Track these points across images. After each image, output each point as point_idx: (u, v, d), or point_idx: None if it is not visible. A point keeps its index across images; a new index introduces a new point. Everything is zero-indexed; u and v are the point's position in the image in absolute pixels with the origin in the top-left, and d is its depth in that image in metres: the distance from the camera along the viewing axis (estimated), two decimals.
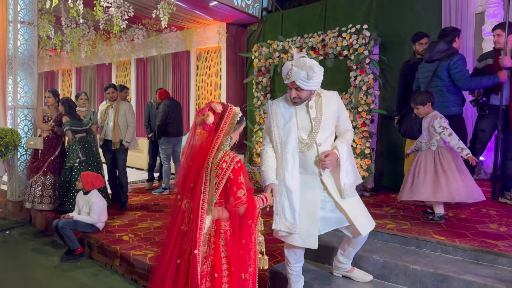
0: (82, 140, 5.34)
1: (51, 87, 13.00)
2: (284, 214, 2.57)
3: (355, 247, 2.82)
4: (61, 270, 3.96)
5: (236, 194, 2.07)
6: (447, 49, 4.12)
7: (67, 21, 7.29)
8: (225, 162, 2.07)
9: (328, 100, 2.62)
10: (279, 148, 2.60)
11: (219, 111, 2.14)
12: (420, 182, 3.53)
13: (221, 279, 2.06)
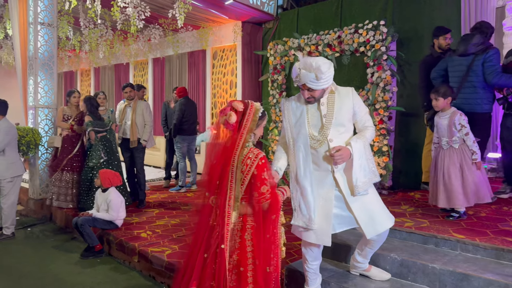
0: (103, 139, 5.42)
1: (70, 87, 13.26)
2: (300, 210, 2.60)
3: (372, 247, 2.80)
4: (81, 266, 4.03)
5: (260, 189, 2.11)
6: (483, 42, 3.94)
7: (86, 22, 7.41)
8: (249, 159, 2.13)
9: (342, 96, 2.60)
10: (291, 145, 2.63)
11: (240, 109, 2.18)
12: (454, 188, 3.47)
13: (247, 273, 2.11)
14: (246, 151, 2.16)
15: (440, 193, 3.52)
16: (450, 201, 3.51)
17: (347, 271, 3.04)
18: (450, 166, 3.52)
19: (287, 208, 5.40)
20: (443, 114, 3.65)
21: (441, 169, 3.56)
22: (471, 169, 3.49)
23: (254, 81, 8.16)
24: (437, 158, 3.64)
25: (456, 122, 3.52)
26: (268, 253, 2.17)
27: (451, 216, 3.52)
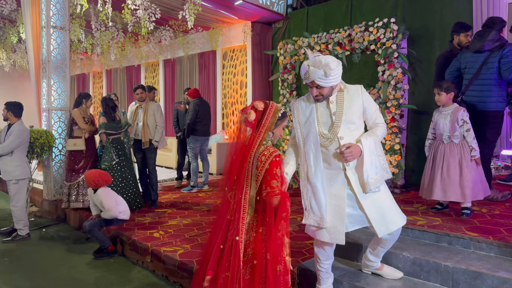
0: (115, 141, 5.45)
1: (83, 89, 13.44)
2: (312, 209, 2.60)
3: (384, 246, 2.78)
4: (95, 266, 4.09)
5: (270, 183, 2.17)
6: (499, 38, 3.88)
7: (97, 24, 7.51)
8: (264, 156, 2.21)
9: (352, 94, 2.61)
10: (301, 144, 2.65)
11: (260, 108, 2.29)
12: (452, 181, 3.50)
13: (261, 266, 2.16)
14: (262, 149, 2.24)
15: (437, 185, 3.52)
16: (446, 194, 3.51)
17: (359, 270, 3.03)
18: (450, 160, 3.52)
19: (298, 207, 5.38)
20: (445, 109, 3.65)
21: (440, 162, 3.57)
22: (469, 165, 3.52)
23: (264, 81, 8.17)
24: (436, 152, 3.64)
25: (459, 117, 3.54)
26: (279, 251, 2.20)
27: (464, 213, 3.49)
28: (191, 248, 3.93)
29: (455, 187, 3.48)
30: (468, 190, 3.47)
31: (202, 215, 5.20)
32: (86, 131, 5.62)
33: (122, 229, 4.60)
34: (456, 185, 3.49)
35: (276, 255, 2.19)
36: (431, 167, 3.66)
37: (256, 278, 2.15)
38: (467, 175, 3.49)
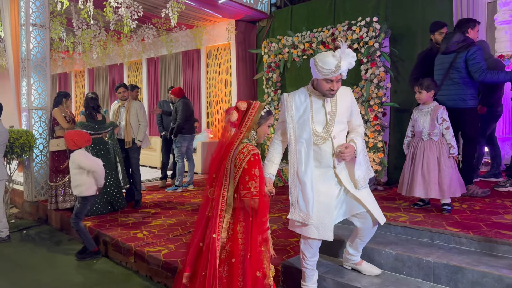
0: (95, 141, 5.32)
1: (64, 88, 13.23)
2: (298, 205, 2.61)
3: (363, 239, 2.83)
4: (77, 268, 4.03)
5: (246, 184, 2.14)
6: (463, 39, 4.00)
7: (78, 22, 7.38)
8: (242, 153, 2.19)
9: (342, 95, 2.66)
10: (293, 141, 2.63)
11: (243, 108, 2.28)
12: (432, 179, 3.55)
13: (238, 264, 2.14)
14: (242, 147, 2.21)
15: (418, 183, 3.57)
16: (427, 192, 3.56)
17: (342, 266, 3.05)
18: (430, 157, 3.58)
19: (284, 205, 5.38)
20: (425, 107, 3.71)
21: (420, 160, 3.62)
22: (447, 162, 3.58)
23: (249, 79, 8.17)
24: (415, 149, 3.69)
25: (439, 115, 3.61)
26: (258, 257, 2.18)
27: (445, 209, 3.55)
28: (175, 248, 3.91)
29: (435, 184, 3.54)
30: (446, 187, 3.54)
31: (187, 214, 5.17)
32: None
33: (105, 230, 4.54)
34: (436, 182, 3.54)
35: (256, 260, 2.17)
36: (411, 164, 3.71)
37: (234, 277, 2.14)
38: (445, 172, 3.55)
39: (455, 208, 3.65)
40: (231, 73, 8.18)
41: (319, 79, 2.55)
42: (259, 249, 2.19)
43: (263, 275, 2.20)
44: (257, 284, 2.17)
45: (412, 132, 3.84)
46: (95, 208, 5.17)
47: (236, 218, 2.19)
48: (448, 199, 3.58)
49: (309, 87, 2.69)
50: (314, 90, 2.65)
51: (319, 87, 2.59)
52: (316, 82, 2.61)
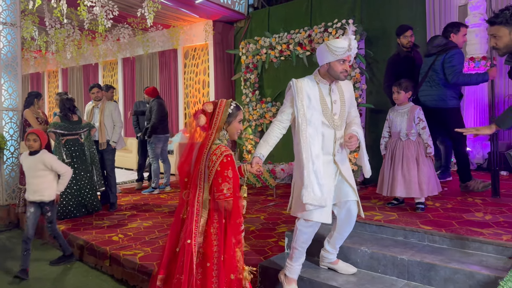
0: (69, 142, 5.20)
1: (37, 89, 12.89)
2: (312, 188, 2.61)
3: (341, 232, 2.88)
4: (50, 273, 3.92)
5: (219, 186, 2.12)
6: (445, 43, 4.16)
7: (51, 21, 7.20)
8: (215, 155, 2.15)
9: (346, 84, 2.84)
10: (304, 126, 2.67)
11: (210, 110, 2.25)
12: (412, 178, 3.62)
13: (212, 266, 2.12)
14: (214, 148, 2.18)
15: (399, 183, 3.63)
16: (408, 191, 3.63)
17: (318, 266, 3.08)
18: (409, 157, 3.66)
19: (261, 206, 5.39)
20: (401, 108, 3.78)
21: (400, 159, 3.69)
22: (425, 161, 3.67)
23: (227, 80, 8.15)
24: (394, 149, 3.76)
25: (415, 115, 3.69)
26: (232, 260, 2.16)
27: (419, 208, 3.62)
28: (151, 250, 3.86)
29: (415, 184, 3.60)
30: (425, 186, 3.62)
31: (164, 216, 5.11)
32: None
33: (79, 233, 4.44)
34: (416, 182, 3.61)
35: (230, 263, 2.15)
36: (391, 164, 3.76)
37: (208, 280, 2.11)
38: (424, 171, 3.63)
39: (428, 206, 3.73)
40: (209, 73, 8.14)
41: (332, 62, 2.64)
42: (233, 252, 2.17)
43: (237, 278, 2.18)
44: (231, 286, 2.15)
45: (389, 133, 3.91)
46: (68, 211, 5.05)
47: (210, 220, 2.17)
48: (422, 198, 3.66)
49: (316, 76, 2.77)
50: (322, 78, 2.73)
51: (332, 70, 2.66)
52: (328, 67, 2.67)
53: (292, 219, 4.78)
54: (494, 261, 2.68)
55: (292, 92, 2.71)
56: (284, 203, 5.67)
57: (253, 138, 7.37)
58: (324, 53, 2.65)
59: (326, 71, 2.70)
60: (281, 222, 4.71)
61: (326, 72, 2.70)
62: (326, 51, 2.64)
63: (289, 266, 2.85)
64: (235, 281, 2.16)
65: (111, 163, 5.71)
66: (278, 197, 6.03)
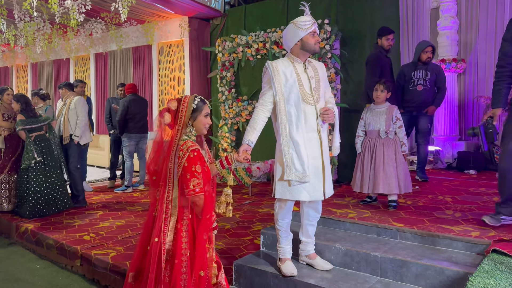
0: (39, 139, 5.08)
1: (5, 83, 12.44)
2: (294, 165, 2.71)
3: (310, 219, 2.94)
4: (18, 273, 3.79)
5: (188, 182, 2.08)
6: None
7: (20, 14, 6.94)
8: (181, 151, 2.12)
9: (318, 66, 2.92)
10: (282, 104, 2.74)
11: (174, 107, 2.22)
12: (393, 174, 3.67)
13: (181, 264, 2.08)
14: (181, 144, 2.15)
15: (381, 180, 3.68)
16: (390, 188, 3.68)
17: (297, 261, 3.09)
18: (389, 155, 3.72)
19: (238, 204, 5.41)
20: (379, 107, 3.84)
21: (381, 157, 3.73)
22: (402, 159, 3.76)
23: (203, 77, 8.08)
24: (373, 147, 3.81)
25: (394, 115, 3.76)
26: (203, 256, 2.12)
27: (391, 206, 3.69)
28: (124, 250, 3.78)
29: (395, 180, 3.67)
30: (402, 183, 3.70)
31: (137, 215, 5.03)
32: (5, 129, 5.20)
33: (48, 232, 4.31)
34: (395, 178, 3.68)
35: (200, 260, 2.11)
36: (371, 162, 3.79)
37: (177, 278, 2.06)
38: (401, 168, 3.71)
39: (400, 204, 3.81)
40: (185, 70, 8.05)
41: (304, 37, 2.72)
42: (204, 248, 2.13)
43: (206, 275, 2.15)
44: (200, 284, 2.11)
45: (364, 132, 3.95)
46: (38, 209, 4.90)
47: (179, 217, 2.13)
48: (395, 196, 3.73)
49: (290, 56, 2.84)
50: (296, 57, 2.81)
51: (306, 44, 2.74)
52: (301, 44, 2.75)
53: (267, 218, 4.79)
54: (463, 257, 2.75)
55: (269, 72, 2.78)
56: (260, 201, 5.67)
57: (229, 136, 7.34)
58: (294, 31, 2.74)
59: (299, 49, 2.77)
60: (257, 220, 4.71)
61: (300, 50, 2.78)
62: (295, 29, 2.74)
63: (279, 249, 2.97)
64: (204, 278, 2.13)
65: (74, 159, 5.55)
66: (254, 196, 6.03)
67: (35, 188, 4.92)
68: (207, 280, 2.15)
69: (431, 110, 4.90)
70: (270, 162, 6.20)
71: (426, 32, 6.48)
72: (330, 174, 2.91)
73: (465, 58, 6.29)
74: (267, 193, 6.13)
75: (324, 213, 3.37)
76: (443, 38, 6.20)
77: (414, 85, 4.90)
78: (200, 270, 2.11)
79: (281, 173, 2.77)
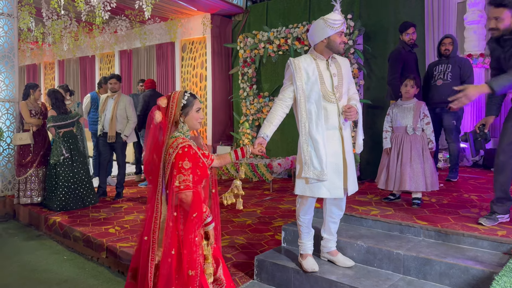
0: (66, 135, 5.22)
1: (33, 80, 12.80)
2: (312, 163, 2.72)
3: (333, 216, 2.93)
4: (46, 264, 3.93)
5: (175, 178, 2.02)
6: None
7: (48, 12, 7.15)
8: (171, 148, 2.08)
9: (342, 62, 2.88)
10: (303, 101, 2.74)
11: (164, 105, 2.17)
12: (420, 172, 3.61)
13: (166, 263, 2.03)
14: (171, 141, 2.11)
15: (408, 177, 3.62)
16: (417, 185, 3.62)
17: (318, 257, 3.09)
18: (417, 152, 3.66)
19: (258, 200, 5.38)
20: (406, 103, 3.77)
21: (408, 154, 3.67)
22: (429, 156, 3.69)
23: (224, 74, 8.13)
24: (400, 144, 3.74)
25: (421, 111, 3.71)
26: (192, 254, 2.04)
27: (415, 203, 3.64)
28: (136, 245, 3.86)
29: (422, 177, 3.61)
30: (429, 180, 3.63)
31: None
32: (33, 125, 5.37)
33: (75, 225, 4.44)
34: (423, 176, 3.62)
35: (189, 259, 2.03)
36: (398, 159, 3.73)
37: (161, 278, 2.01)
38: (429, 165, 3.65)
39: (424, 202, 3.75)
40: (206, 67, 8.12)
41: (332, 35, 2.69)
42: (191, 248, 2.03)
43: (196, 274, 2.03)
44: (189, 283, 2.02)
45: (391, 127, 3.87)
46: (65, 203, 5.05)
47: (168, 215, 2.07)
48: (419, 194, 3.67)
49: (313, 52, 2.82)
50: (319, 54, 2.78)
51: (332, 43, 2.71)
52: (327, 41, 2.72)
53: (288, 214, 4.80)
54: (489, 256, 2.70)
55: (291, 69, 2.77)
56: (281, 197, 5.69)
57: (250, 132, 7.37)
58: (323, 29, 2.70)
59: (324, 46, 2.74)
60: (278, 216, 4.73)
61: (324, 48, 2.75)
62: (324, 26, 2.70)
63: (300, 245, 2.98)
64: (194, 278, 2.02)
65: (121, 156, 5.74)
66: (275, 192, 6.05)
67: (63, 183, 5.07)
68: (198, 279, 2.04)
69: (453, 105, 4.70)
70: (291, 159, 6.20)
71: (453, 26, 6.33)
72: (354, 171, 2.88)
73: None
74: (288, 189, 6.13)
75: (347, 210, 3.35)
76: (470, 33, 6.05)
77: (435, 80, 4.71)
78: (188, 269, 2.01)
79: (299, 170, 2.78)
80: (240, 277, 3.18)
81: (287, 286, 2.99)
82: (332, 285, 2.75)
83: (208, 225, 2.14)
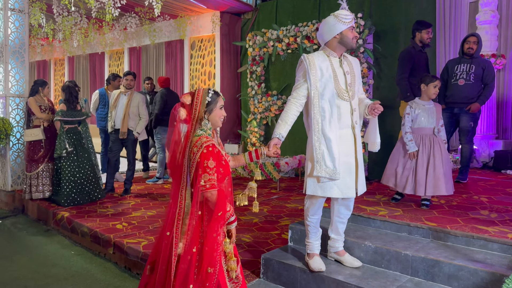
0: (70, 131, 5.24)
1: (43, 76, 12.92)
2: (324, 162, 2.68)
3: (341, 216, 2.91)
4: (54, 259, 3.95)
5: (200, 177, 2.03)
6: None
7: (59, 9, 7.19)
8: (196, 147, 2.08)
9: (352, 61, 2.87)
10: (316, 99, 2.71)
11: (188, 102, 2.17)
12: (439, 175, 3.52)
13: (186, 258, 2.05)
14: (196, 140, 2.11)
15: (429, 181, 3.52)
16: (436, 189, 3.53)
17: (325, 257, 3.08)
18: (440, 154, 3.57)
19: (265, 199, 5.40)
20: (427, 103, 3.67)
21: (426, 156, 3.58)
22: (447, 158, 3.63)
23: (233, 72, 8.12)
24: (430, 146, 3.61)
25: (440, 112, 3.69)
26: (213, 252, 2.05)
27: (424, 204, 3.60)
28: (155, 239, 3.87)
29: (441, 181, 3.51)
30: (449, 184, 3.55)
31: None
32: (44, 120, 5.40)
33: (83, 220, 4.47)
34: (443, 179, 3.52)
35: (209, 256, 2.04)
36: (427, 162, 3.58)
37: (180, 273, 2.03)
38: (447, 169, 3.57)
39: (433, 203, 3.72)
40: (215, 65, 8.11)
41: (344, 30, 2.68)
42: (213, 245, 2.05)
43: (214, 271, 2.05)
44: (208, 280, 2.03)
45: (414, 128, 3.72)
46: (72, 198, 5.08)
47: (191, 212, 2.08)
48: (429, 196, 3.61)
49: (326, 49, 2.79)
50: (332, 51, 2.76)
51: (345, 38, 2.69)
52: (340, 37, 2.70)
53: (295, 213, 4.79)
54: (499, 259, 2.67)
55: (305, 66, 2.73)
56: (288, 196, 5.67)
57: (258, 131, 7.36)
58: (335, 24, 2.68)
59: (337, 42, 2.72)
60: (284, 215, 4.72)
61: (337, 44, 2.73)
62: (336, 22, 2.68)
63: (307, 244, 2.96)
64: (213, 275, 2.04)
65: (132, 153, 5.78)
66: (282, 191, 6.04)
67: (69, 177, 5.10)
68: (215, 276, 2.06)
69: (474, 108, 4.51)
70: (298, 157, 6.18)
71: (464, 26, 6.25)
72: (363, 171, 2.87)
73: (505, 54, 6.04)
74: (295, 188, 6.12)
75: (354, 210, 3.32)
76: (482, 33, 5.96)
77: (456, 79, 4.60)
78: (208, 266, 2.03)
79: (311, 169, 2.74)
80: (246, 275, 3.17)
81: (294, 285, 2.98)
82: (339, 285, 2.74)
83: (231, 224, 2.16)
